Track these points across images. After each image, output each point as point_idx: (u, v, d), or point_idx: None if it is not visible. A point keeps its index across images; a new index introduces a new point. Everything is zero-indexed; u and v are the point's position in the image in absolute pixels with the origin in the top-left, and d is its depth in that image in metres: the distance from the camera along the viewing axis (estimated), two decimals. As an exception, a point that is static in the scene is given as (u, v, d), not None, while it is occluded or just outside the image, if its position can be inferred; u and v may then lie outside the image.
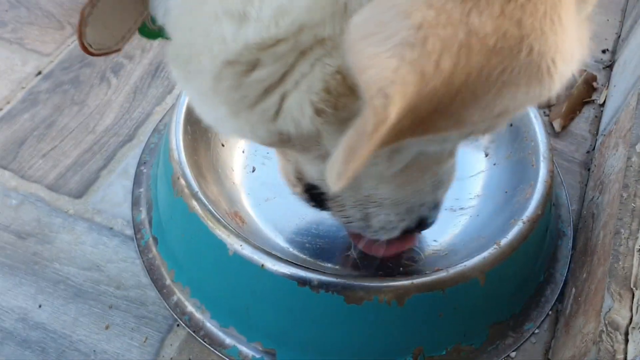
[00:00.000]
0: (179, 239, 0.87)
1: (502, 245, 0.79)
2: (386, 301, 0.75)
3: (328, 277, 0.76)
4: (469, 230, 0.92)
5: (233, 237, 0.79)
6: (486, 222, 0.91)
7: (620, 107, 1.09)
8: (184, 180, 0.84)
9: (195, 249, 0.85)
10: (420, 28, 0.33)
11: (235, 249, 0.78)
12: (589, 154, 1.15)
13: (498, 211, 0.91)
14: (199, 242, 0.83)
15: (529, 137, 0.94)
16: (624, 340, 0.72)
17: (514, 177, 0.94)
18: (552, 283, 0.94)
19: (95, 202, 1.00)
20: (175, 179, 0.85)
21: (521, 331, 0.89)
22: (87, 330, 0.86)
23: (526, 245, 0.82)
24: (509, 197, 0.92)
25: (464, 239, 0.90)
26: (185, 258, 0.87)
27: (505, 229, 0.83)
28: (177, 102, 0.93)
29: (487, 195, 0.96)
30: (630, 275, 0.78)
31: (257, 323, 0.82)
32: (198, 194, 0.82)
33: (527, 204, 0.85)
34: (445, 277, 0.76)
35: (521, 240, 0.81)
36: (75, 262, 0.93)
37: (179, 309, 0.87)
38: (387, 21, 0.33)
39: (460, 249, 0.88)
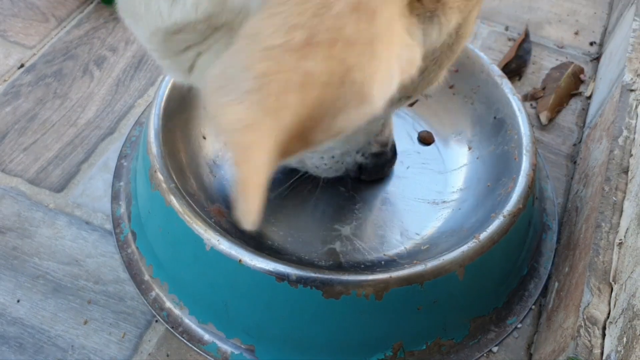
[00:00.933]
0: (157, 234, 0.86)
1: (481, 239, 0.79)
2: (364, 295, 0.75)
3: (306, 271, 0.75)
4: (450, 224, 0.91)
5: (210, 232, 0.78)
6: (468, 215, 0.91)
7: (605, 100, 1.08)
8: (161, 174, 0.83)
9: (173, 244, 0.84)
10: (260, 76, 0.40)
11: (212, 244, 0.77)
12: (575, 147, 1.14)
13: (480, 204, 0.91)
14: (177, 237, 0.82)
15: (512, 130, 0.94)
16: (602, 335, 0.72)
17: (497, 170, 0.93)
18: (535, 277, 0.94)
19: (76, 196, 0.99)
20: (152, 173, 0.84)
21: (504, 326, 0.88)
22: (66, 326, 0.85)
23: (507, 239, 0.82)
24: (491, 190, 0.91)
25: (446, 233, 0.90)
26: (163, 253, 0.86)
27: (486, 222, 0.82)
28: (156, 95, 0.91)
29: (470, 188, 0.95)
30: (610, 269, 0.78)
31: (236, 319, 0.81)
32: (175, 188, 0.82)
33: (508, 198, 0.84)
34: (423, 271, 0.75)
35: (502, 234, 0.81)
36: (54, 256, 0.92)
37: (158, 305, 0.87)
38: (234, 75, 0.41)
39: (442, 242, 0.88)
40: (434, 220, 0.93)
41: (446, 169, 0.99)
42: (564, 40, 1.35)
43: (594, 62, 1.30)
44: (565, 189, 1.07)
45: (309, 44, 0.41)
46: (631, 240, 0.77)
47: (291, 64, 0.41)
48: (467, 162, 0.99)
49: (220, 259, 0.77)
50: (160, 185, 0.83)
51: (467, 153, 1.00)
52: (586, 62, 1.30)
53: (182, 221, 0.80)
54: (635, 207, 0.80)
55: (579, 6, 1.43)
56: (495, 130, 0.97)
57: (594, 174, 0.95)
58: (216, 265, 0.78)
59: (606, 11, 1.42)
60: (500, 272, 0.87)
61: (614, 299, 0.74)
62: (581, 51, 1.33)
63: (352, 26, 0.42)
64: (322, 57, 0.41)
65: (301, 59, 0.41)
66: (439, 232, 0.91)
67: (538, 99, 1.22)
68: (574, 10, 1.42)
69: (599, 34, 1.37)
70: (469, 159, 0.99)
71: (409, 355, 0.82)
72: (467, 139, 1.02)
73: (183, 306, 0.85)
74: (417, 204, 0.95)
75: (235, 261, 0.76)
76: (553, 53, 1.32)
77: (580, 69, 1.27)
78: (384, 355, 0.81)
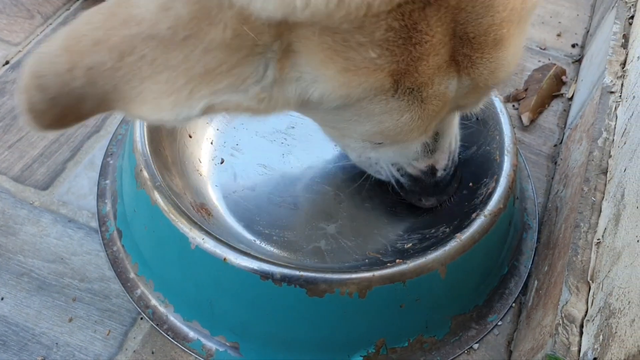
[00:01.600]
0: (143, 232, 0.87)
1: (463, 238, 0.80)
2: (348, 293, 0.76)
3: (290, 270, 0.76)
4: (433, 223, 0.93)
5: (195, 230, 0.78)
6: (451, 214, 0.92)
7: (585, 101, 1.10)
8: (146, 172, 0.84)
9: (158, 242, 0.85)
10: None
11: (197, 242, 0.78)
12: (556, 148, 1.16)
13: (463, 204, 0.92)
14: (162, 235, 0.82)
15: (494, 131, 0.95)
16: (579, 333, 0.73)
17: (479, 170, 0.95)
18: (516, 275, 0.95)
19: (61, 194, 1.00)
20: (138, 171, 0.85)
21: (484, 323, 0.90)
22: (50, 323, 0.86)
23: (488, 238, 0.83)
24: (473, 190, 0.93)
25: (429, 231, 0.91)
26: (148, 251, 0.87)
27: (468, 222, 0.83)
28: (142, 94, 0.92)
29: (453, 189, 0.97)
30: (588, 268, 0.79)
31: (221, 317, 0.82)
32: (161, 186, 0.82)
33: (489, 198, 0.86)
34: (405, 269, 0.77)
35: (483, 233, 0.82)
36: (39, 254, 0.92)
37: (143, 303, 0.87)
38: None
39: (425, 241, 0.89)
40: (418, 218, 0.94)
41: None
42: (547, 42, 1.37)
43: (575, 63, 1.32)
44: (545, 189, 1.09)
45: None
46: (609, 240, 0.78)
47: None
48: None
49: (205, 257, 0.78)
50: (145, 184, 0.83)
51: (450, 153, 1.02)
52: (568, 64, 1.32)
53: (167, 220, 0.80)
54: (613, 208, 0.82)
55: (562, 8, 1.45)
56: (478, 130, 0.99)
57: (574, 175, 0.97)
58: (201, 264, 0.79)
59: (588, 13, 1.44)
60: (481, 271, 0.89)
61: (592, 297, 0.76)
62: (563, 53, 1.35)
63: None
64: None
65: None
66: (422, 230, 0.92)
67: (520, 100, 1.23)
68: (557, 12, 1.44)
69: (581, 36, 1.39)
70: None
71: (392, 352, 0.83)
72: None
73: (168, 304, 0.86)
74: (400, 203, 0.96)
75: (220, 260, 0.77)
76: (536, 54, 1.34)
77: (562, 70, 1.29)
78: (367, 352, 0.82)
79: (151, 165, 0.84)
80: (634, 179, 0.78)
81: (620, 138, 0.90)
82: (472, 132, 1.00)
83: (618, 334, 0.65)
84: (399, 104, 0.56)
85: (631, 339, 0.62)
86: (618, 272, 0.72)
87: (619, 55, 1.06)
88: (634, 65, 0.98)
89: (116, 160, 1.02)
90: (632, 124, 0.87)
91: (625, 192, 0.79)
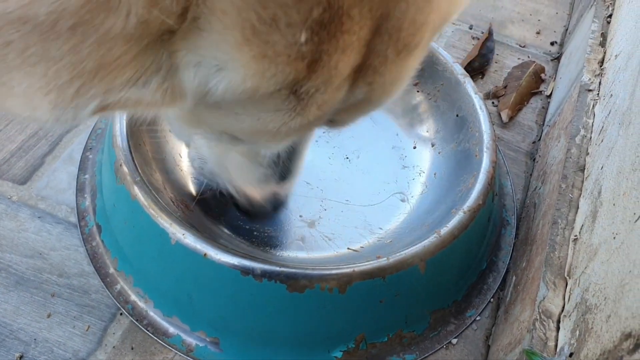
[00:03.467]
0: (122, 227, 0.86)
1: (442, 234, 0.81)
2: (328, 289, 0.76)
3: (271, 266, 0.76)
4: (413, 218, 0.94)
5: (175, 225, 0.78)
6: (430, 210, 0.93)
7: (564, 99, 1.11)
8: (126, 167, 0.83)
9: (138, 238, 0.84)
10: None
11: (177, 238, 0.77)
12: (534, 145, 1.17)
13: (442, 200, 0.93)
14: (142, 230, 0.82)
15: (473, 128, 0.96)
16: (556, 328, 0.75)
17: (458, 167, 0.96)
18: (494, 271, 0.97)
19: (40, 189, 0.99)
20: (117, 166, 0.84)
21: (463, 318, 0.91)
22: (28, 319, 0.85)
23: (467, 234, 0.84)
24: (452, 186, 0.94)
25: (409, 227, 0.92)
26: (128, 246, 0.86)
27: (446, 218, 0.84)
28: (123, 88, 0.91)
29: (432, 184, 0.98)
30: (565, 264, 0.81)
31: (201, 312, 0.82)
32: (140, 181, 0.82)
33: (468, 194, 0.87)
34: (385, 265, 0.77)
35: (462, 229, 0.83)
36: (17, 249, 0.91)
37: (122, 298, 0.87)
38: None
39: (405, 236, 0.90)
40: (397, 214, 0.95)
41: (408, 164, 1.01)
42: (526, 40, 1.38)
43: (554, 61, 1.33)
44: (524, 185, 1.10)
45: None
46: (586, 236, 0.80)
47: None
48: (430, 158, 1.01)
49: (185, 252, 0.78)
50: (125, 179, 0.83)
51: (430, 149, 1.02)
52: (547, 62, 1.33)
53: (147, 215, 0.80)
54: (590, 205, 0.83)
55: (542, 6, 1.47)
56: (457, 127, 1.00)
57: (552, 172, 0.98)
58: (181, 259, 0.79)
59: (567, 11, 1.46)
60: (460, 266, 0.90)
61: (569, 293, 0.77)
62: (542, 50, 1.36)
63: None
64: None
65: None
66: (402, 226, 0.93)
67: (500, 97, 1.24)
68: (537, 10, 1.46)
69: (560, 33, 1.40)
70: (432, 155, 1.02)
71: (371, 347, 0.83)
72: (430, 135, 1.04)
73: (148, 299, 0.85)
74: (380, 199, 0.97)
75: (200, 255, 0.77)
76: (515, 52, 1.35)
77: (541, 68, 1.30)
78: (347, 347, 0.82)
79: (131, 160, 0.84)
80: (610, 176, 0.79)
81: (598, 136, 0.91)
82: (452, 129, 1.01)
83: (594, 330, 0.66)
84: (296, 104, 0.47)
85: (607, 334, 0.64)
86: (595, 269, 0.73)
87: (597, 54, 1.07)
88: (611, 64, 1.00)
89: (96, 155, 1.01)
90: (609, 122, 0.88)
91: (602, 190, 0.81)
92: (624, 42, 0.98)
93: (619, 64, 0.95)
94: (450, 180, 0.95)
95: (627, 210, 0.71)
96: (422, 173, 1.00)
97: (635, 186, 0.71)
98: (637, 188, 0.70)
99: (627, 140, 0.78)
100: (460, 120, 0.99)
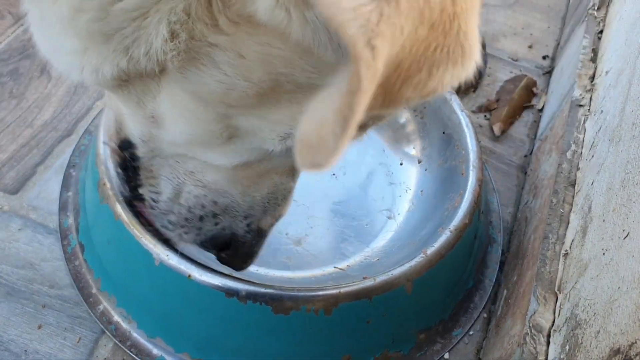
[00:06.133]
0: (106, 247, 0.85)
1: (428, 253, 0.80)
2: (314, 310, 0.75)
3: (256, 287, 0.75)
4: (400, 236, 0.93)
5: (159, 246, 0.77)
6: (417, 228, 0.92)
7: (555, 113, 1.12)
8: (110, 187, 0.82)
9: (122, 258, 0.83)
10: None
11: (161, 258, 0.76)
12: (526, 158, 1.18)
13: (429, 218, 0.92)
14: (125, 250, 0.81)
15: (460, 146, 0.96)
16: (546, 343, 0.75)
17: (445, 184, 0.95)
18: (481, 289, 0.96)
19: (31, 199, 0.98)
20: (101, 185, 0.83)
21: (449, 337, 0.90)
22: (19, 330, 0.84)
23: (453, 253, 0.83)
24: (439, 204, 0.93)
25: (396, 245, 0.91)
26: (112, 266, 0.85)
27: (433, 237, 0.84)
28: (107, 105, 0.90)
29: (419, 201, 0.97)
30: (556, 279, 0.81)
31: (185, 334, 0.81)
32: (124, 201, 0.80)
33: (455, 213, 0.86)
34: (372, 286, 0.76)
35: (448, 248, 0.82)
36: (8, 260, 0.90)
37: (106, 318, 0.85)
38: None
39: (392, 255, 0.89)
40: (384, 232, 0.94)
41: (395, 181, 1.02)
42: (518, 53, 1.39)
43: (546, 75, 1.34)
44: (515, 199, 1.10)
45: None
46: (576, 251, 0.80)
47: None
48: (417, 175, 1.01)
49: (169, 273, 0.76)
50: (109, 198, 0.82)
51: (417, 166, 1.02)
52: (539, 75, 1.34)
53: (131, 235, 0.79)
54: (580, 220, 0.83)
55: (534, 20, 1.48)
56: (444, 144, 1.00)
57: (543, 186, 0.99)
58: (165, 280, 0.78)
59: (559, 26, 1.47)
60: (447, 285, 0.89)
61: (559, 308, 0.77)
62: (534, 64, 1.37)
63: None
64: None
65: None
66: (389, 244, 0.92)
67: (492, 110, 1.25)
68: (529, 24, 1.47)
69: (552, 47, 1.41)
70: (418, 172, 1.02)
71: (358, 368, 0.82)
72: (416, 152, 1.04)
73: (131, 320, 0.84)
74: (367, 216, 0.97)
75: (185, 276, 0.76)
76: (507, 65, 1.36)
77: (533, 81, 1.31)
78: (333, 369, 0.81)
79: (114, 179, 0.81)
80: (600, 192, 0.80)
81: (589, 151, 0.92)
82: (438, 146, 1.01)
83: (584, 345, 0.67)
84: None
85: (596, 350, 0.64)
86: (584, 284, 0.73)
87: (588, 69, 1.08)
88: (602, 80, 1.01)
89: (79, 172, 1.00)
90: (600, 137, 0.89)
91: (593, 205, 0.81)
92: (614, 59, 0.99)
93: (609, 80, 0.96)
94: (436, 197, 0.94)
95: (616, 227, 0.71)
96: (408, 190, 1.00)
97: (624, 203, 0.72)
98: (626, 205, 0.71)
99: (617, 157, 0.79)
100: (446, 137, 0.99)
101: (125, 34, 0.47)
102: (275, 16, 0.40)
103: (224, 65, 0.47)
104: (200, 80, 0.49)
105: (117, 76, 0.52)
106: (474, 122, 1.16)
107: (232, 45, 0.45)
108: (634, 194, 0.70)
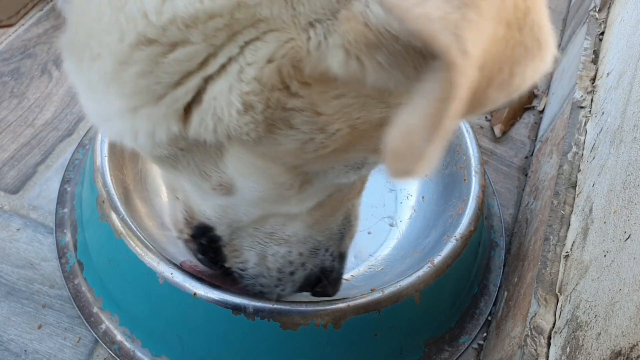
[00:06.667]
0: (107, 265, 0.84)
1: (436, 263, 0.79)
2: (322, 325, 0.74)
3: (263, 303, 0.73)
4: (403, 245, 0.93)
5: (163, 264, 0.76)
6: (421, 236, 0.92)
7: (556, 115, 1.12)
8: (109, 204, 0.80)
9: (123, 276, 0.82)
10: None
11: (165, 277, 0.75)
12: (527, 160, 1.18)
13: (432, 226, 0.92)
14: (128, 269, 0.80)
15: (461, 151, 0.95)
16: (547, 344, 0.75)
17: (447, 190, 0.95)
18: (486, 295, 0.95)
19: (32, 198, 0.98)
20: (100, 202, 0.82)
21: (457, 345, 0.90)
22: (19, 330, 0.83)
23: (460, 261, 0.83)
24: (442, 211, 0.92)
25: (400, 254, 0.91)
26: (113, 285, 0.84)
27: (438, 245, 0.83)
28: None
29: (421, 208, 0.97)
30: (557, 281, 0.81)
31: (191, 352, 0.80)
32: (125, 218, 0.79)
33: (459, 220, 0.85)
34: (380, 298, 0.75)
35: (455, 257, 0.82)
36: (9, 259, 0.90)
37: (108, 339, 0.84)
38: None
39: (396, 264, 0.89)
40: (387, 240, 0.94)
41: (396, 187, 1.01)
42: (519, 54, 1.39)
43: (547, 76, 1.34)
44: (516, 201, 1.10)
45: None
46: (577, 253, 0.80)
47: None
48: (417, 181, 1.01)
49: (173, 292, 0.75)
50: (109, 216, 0.80)
51: (418, 173, 1.02)
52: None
53: (133, 254, 0.77)
54: (581, 222, 0.83)
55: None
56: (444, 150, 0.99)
57: (544, 188, 0.99)
58: (169, 298, 0.77)
59: (560, 27, 1.47)
60: (454, 293, 0.88)
61: (560, 309, 0.77)
62: (535, 65, 1.37)
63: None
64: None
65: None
66: (393, 252, 0.92)
67: (493, 112, 1.25)
68: (529, 25, 1.46)
69: (552, 49, 1.41)
70: (420, 179, 1.01)
71: (365, 379, 0.82)
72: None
73: (135, 339, 0.83)
74: (369, 224, 0.96)
75: (190, 294, 0.74)
76: (508, 66, 1.35)
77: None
78: (342, 381, 0.80)
79: (114, 195, 0.81)
80: (601, 194, 0.80)
81: (589, 153, 0.92)
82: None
83: (584, 347, 0.67)
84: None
85: (597, 352, 0.64)
86: (585, 286, 0.73)
87: (589, 71, 1.08)
88: (603, 82, 1.00)
89: (74, 187, 0.98)
90: (601, 139, 0.89)
91: (593, 207, 0.81)
92: (615, 61, 0.99)
93: (610, 82, 0.96)
94: (439, 204, 0.94)
95: (617, 229, 0.71)
96: (409, 196, 0.99)
97: (625, 205, 0.71)
98: (627, 207, 0.71)
99: (618, 159, 0.79)
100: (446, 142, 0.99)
101: (177, 96, 0.45)
102: (348, 68, 0.40)
103: (300, 124, 0.46)
104: (274, 142, 0.48)
105: (170, 146, 0.49)
106: (475, 123, 1.17)
107: (308, 105, 0.45)
108: (635, 195, 0.70)
